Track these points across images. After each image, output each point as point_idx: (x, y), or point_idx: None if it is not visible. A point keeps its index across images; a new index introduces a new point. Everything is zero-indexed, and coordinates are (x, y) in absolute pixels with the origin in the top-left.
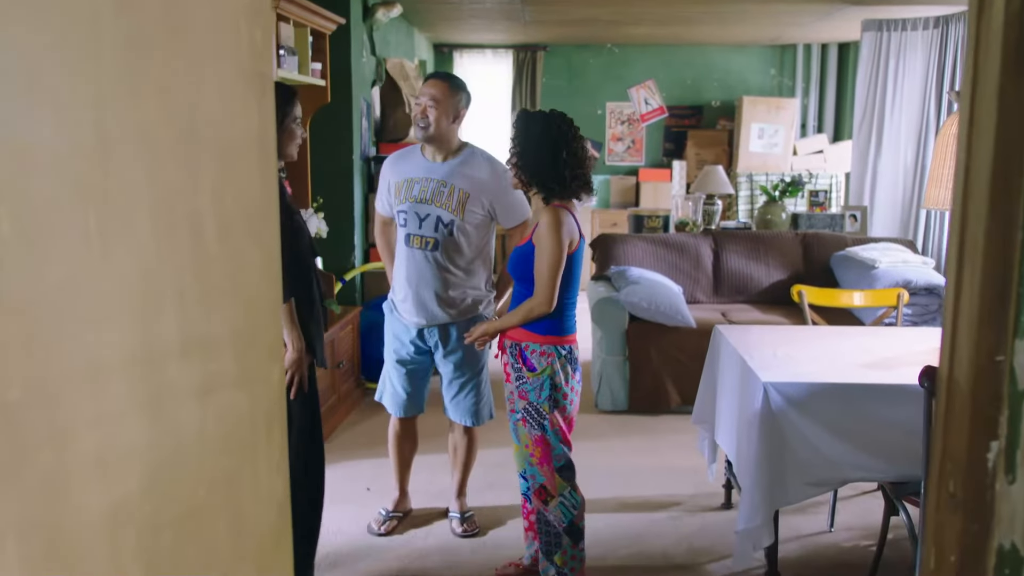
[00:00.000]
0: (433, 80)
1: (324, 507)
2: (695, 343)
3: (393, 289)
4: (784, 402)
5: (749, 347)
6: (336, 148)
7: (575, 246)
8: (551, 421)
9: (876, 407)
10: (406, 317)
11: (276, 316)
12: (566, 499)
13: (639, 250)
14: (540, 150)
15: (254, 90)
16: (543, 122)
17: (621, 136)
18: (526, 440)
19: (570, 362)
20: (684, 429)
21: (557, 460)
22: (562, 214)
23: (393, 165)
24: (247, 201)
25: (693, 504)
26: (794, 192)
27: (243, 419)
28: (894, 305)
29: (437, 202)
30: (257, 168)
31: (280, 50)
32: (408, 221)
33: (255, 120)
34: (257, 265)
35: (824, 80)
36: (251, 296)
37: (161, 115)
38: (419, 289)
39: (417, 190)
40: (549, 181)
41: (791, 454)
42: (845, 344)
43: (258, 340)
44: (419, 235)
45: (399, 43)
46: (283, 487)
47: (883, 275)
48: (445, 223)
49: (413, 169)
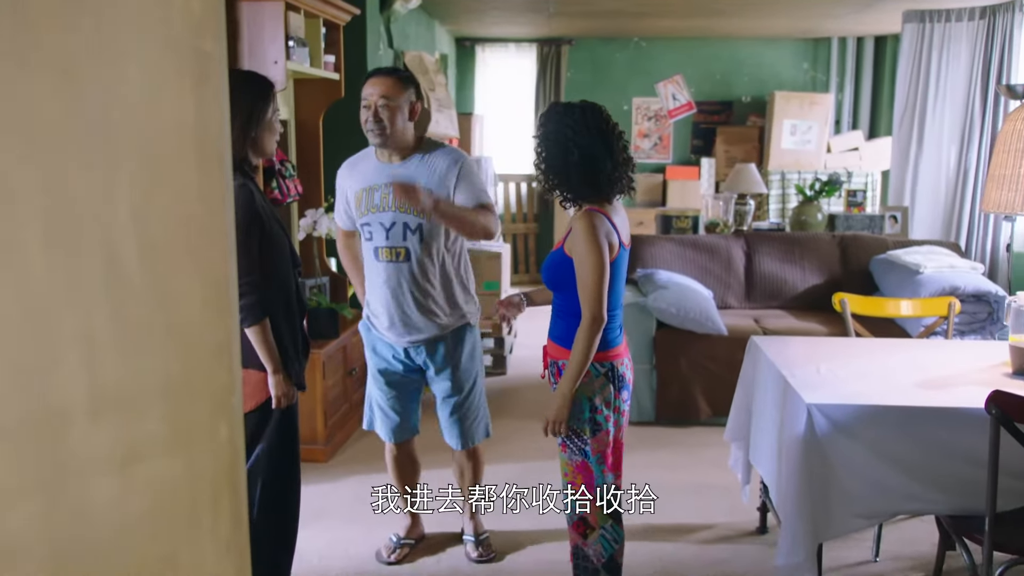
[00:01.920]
0: (377, 78)
1: (326, 528)
2: (727, 351)
3: (368, 307)
4: (830, 426)
5: (789, 362)
6: (351, 144)
7: (615, 252)
8: (592, 447)
9: (933, 432)
10: (389, 337)
11: (225, 358)
12: (607, 532)
13: (667, 252)
14: (567, 150)
15: (190, 72)
16: (571, 116)
17: (648, 132)
18: (567, 466)
19: (613, 380)
20: (714, 443)
21: (599, 495)
22: (595, 218)
23: (349, 174)
24: (183, 214)
25: (726, 527)
26: (831, 191)
27: (179, 492)
28: (944, 315)
29: (401, 207)
30: (196, 172)
31: (289, 41)
32: (374, 234)
33: (190, 110)
34: (198, 295)
35: (860, 75)
36: (189, 335)
37: (58, 103)
38: (398, 306)
39: (378, 197)
40: (577, 184)
41: (837, 483)
42: (894, 359)
43: (199, 390)
44: (388, 247)
45: (419, 36)
46: (238, 569)
47: (928, 281)
48: (413, 228)
49: (371, 175)
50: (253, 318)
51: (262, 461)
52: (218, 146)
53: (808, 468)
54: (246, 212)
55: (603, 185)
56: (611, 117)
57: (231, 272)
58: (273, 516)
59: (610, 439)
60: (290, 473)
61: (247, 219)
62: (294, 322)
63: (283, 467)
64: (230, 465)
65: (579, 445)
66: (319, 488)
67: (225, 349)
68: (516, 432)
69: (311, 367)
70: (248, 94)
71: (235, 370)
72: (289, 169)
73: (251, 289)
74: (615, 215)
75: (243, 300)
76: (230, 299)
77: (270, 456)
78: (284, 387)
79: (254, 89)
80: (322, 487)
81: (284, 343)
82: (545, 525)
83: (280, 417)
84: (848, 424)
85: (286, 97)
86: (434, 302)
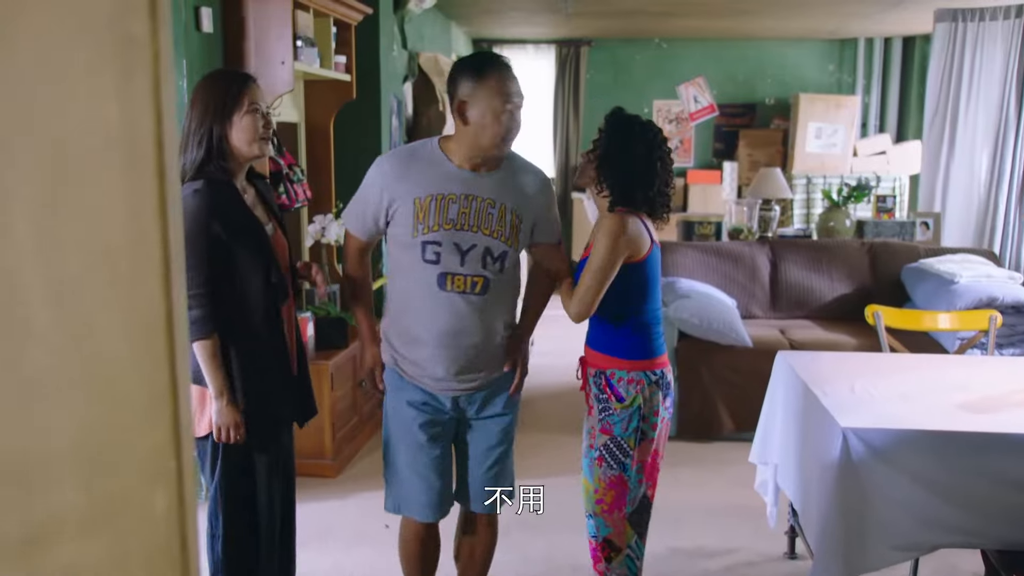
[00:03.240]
0: (510, 72)
1: (332, 549)
2: (751, 363)
3: (399, 347)
4: (867, 452)
5: (820, 380)
6: (363, 148)
7: (642, 253)
8: (634, 458)
9: (980, 459)
10: (436, 385)
11: (163, 412)
12: (633, 550)
13: (689, 259)
14: (633, 157)
15: (111, 61)
16: (640, 127)
17: (669, 135)
18: (598, 483)
19: (661, 387)
20: (738, 459)
21: (631, 504)
22: (628, 220)
23: (403, 173)
24: (104, 237)
25: (751, 552)
26: (860, 197)
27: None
28: (984, 328)
29: (485, 228)
30: (122, 183)
31: (298, 41)
32: (443, 255)
33: (112, 108)
34: (124, 337)
35: (887, 76)
36: (112, 386)
37: None
38: (460, 347)
39: (455, 211)
40: (632, 190)
41: (874, 512)
42: (932, 377)
43: (126, 453)
44: (461, 274)
45: (434, 37)
46: None
47: (964, 291)
48: (496, 256)
49: (443, 182)
50: (195, 333)
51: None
52: (153, 151)
53: (843, 496)
54: (193, 222)
55: (652, 203)
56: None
57: (176, 306)
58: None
59: (653, 448)
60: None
61: (195, 230)
62: (261, 347)
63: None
64: (170, 543)
65: (619, 458)
66: (326, 505)
67: (162, 401)
68: (537, 447)
69: (319, 378)
70: (206, 92)
71: (181, 425)
72: (298, 173)
73: (198, 302)
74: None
75: (190, 313)
76: (174, 339)
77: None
78: (228, 416)
79: (214, 85)
80: (330, 504)
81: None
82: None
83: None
84: (886, 450)
85: (296, 99)
86: (496, 342)
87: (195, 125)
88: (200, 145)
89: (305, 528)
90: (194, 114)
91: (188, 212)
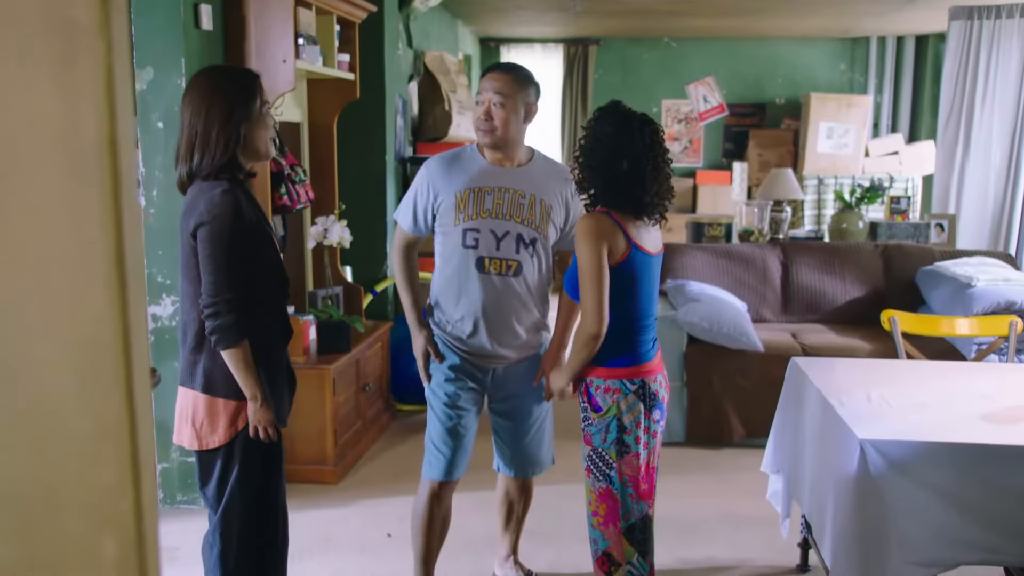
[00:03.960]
0: (496, 72)
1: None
2: (762, 368)
3: (449, 324)
4: (886, 465)
5: (836, 388)
6: (367, 148)
7: (620, 254)
8: (619, 471)
9: (1004, 474)
10: (478, 357)
11: (111, 449)
12: (635, 568)
13: (699, 262)
14: (604, 155)
15: (49, 48)
16: (631, 125)
17: (678, 136)
18: (590, 494)
19: (644, 399)
20: (749, 466)
21: (626, 519)
22: (594, 219)
23: (446, 172)
24: (38, 249)
25: (763, 563)
26: (873, 198)
27: None
28: (1004, 335)
29: (516, 216)
30: (61, 187)
31: (299, 39)
32: (480, 241)
33: (51, 101)
34: (64, 365)
35: (899, 76)
36: (51, 422)
37: None
38: (500, 322)
39: (490, 202)
40: (614, 194)
41: (894, 527)
42: (953, 386)
43: (68, 497)
44: (498, 258)
45: (441, 36)
46: None
47: (982, 295)
48: (527, 241)
49: (479, 177)
50: (229, 340)
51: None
52: (104, 152)
53: (861, 510)
54: (228, 222)
55: (639, 203)
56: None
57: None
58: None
59: (640, 463)
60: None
61: (230, 230)
62: (273, 350)
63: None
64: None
65: (603, 470)
66: (327, 514)
67: (113, 436)
68: None
69: (320, 383)
70: (226, 89)
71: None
72: (300, 174)
73: (230, 308)
74: (628, 223)
75: (220, 320)
76: (131, 364)
77: (243, 489)
78: (266, 415)
79: (233, 83)
80: (330, 512)
81: (271, 373)
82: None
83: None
84: (906, 463)
85: (299, 98)
86: (532, 322)
87: (218, 123)
88: (226, 145)
89: (305, 537)
90: (214, 112)
91: (218, 213)
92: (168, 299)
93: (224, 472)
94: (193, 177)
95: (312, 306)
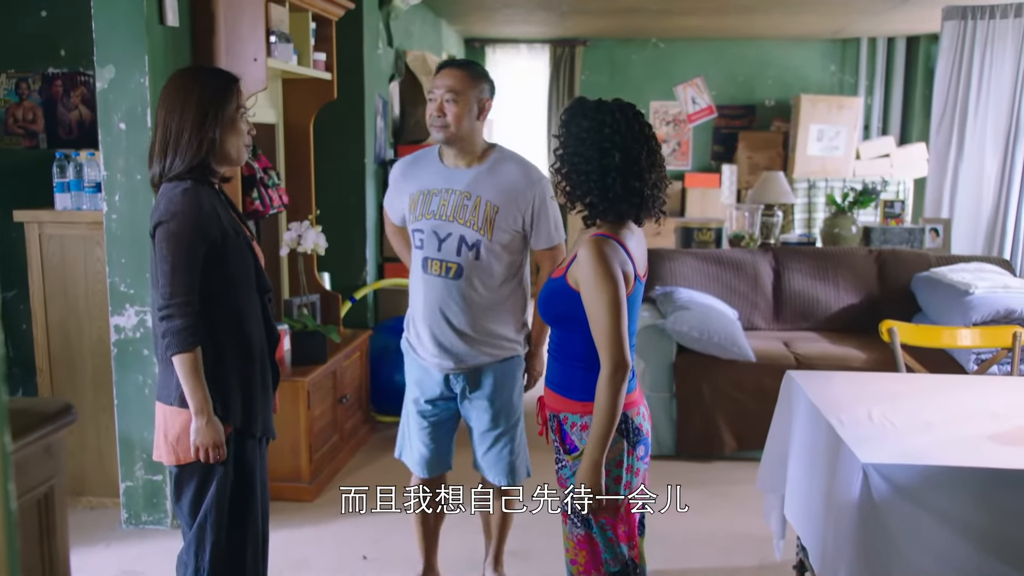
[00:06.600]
0: (449, 69)
1: None
2: (754, 378)
3: (409, 324)
4: (890, 490)
5: (835, 406)
6: (345, 150)
7: (630, 287)
8: (596, 516)
9: (1016, 499)
10: (427, 359)
11: None
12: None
13: (688, 268)
14: (605, 152)
15: None
16: (609, 114)
17: (666, 138)
18: (567, 541)
19: (626, 435)
20: (741, 480)
21: (609, 565)
22: (606, 245)
23: (406, 172)
24: None
25: None
26: (866, 202)
27: None
28: (1008, 346)
29: (460, 218)
30: None
31: (272, 36)
32: (425, 242)
33: None
34: None
35: (890, 77)
36: None
37: None
38: (439, 325)
39: (436, 204)
40: (614, 195)
41: (898, 555)
42: (958, 402)
43: None
44: (438, 259)
45: (424, 36)
46: None
47: (980, 303)
48: (470, 244)
49: (430, 178)
50: (179, 345)
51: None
52: None
53: (864, 537)
54: (186, 222)
55: (641, 200)
56: (643, 115)
57: None
58: None
59: (619, 505)
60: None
61: (188, 230)
62: (254, 359)
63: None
64: None
65: (582, 515)
66: (301, 533)
67: None
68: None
69: (294, 396)
70: (201, 91)
71: None
72: (273, 177)
73: (183, 311)
74: (630, 240)
75: (171, 323)
76: None
77: (219, 506)
78: (209, 435)
79: (209, 85)
80: (304, 532)
81: (230, 382)
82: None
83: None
84: (912, 488)
85: (273, 98)
86: (482, 325)
87: (191, 126)
88: (198, 148)
89: (279, 558)
90: (188, 114)
91: (176, 212)
92: (132, 309)
93: (200, 488)
94: (161, 179)
95: (287, 315)
